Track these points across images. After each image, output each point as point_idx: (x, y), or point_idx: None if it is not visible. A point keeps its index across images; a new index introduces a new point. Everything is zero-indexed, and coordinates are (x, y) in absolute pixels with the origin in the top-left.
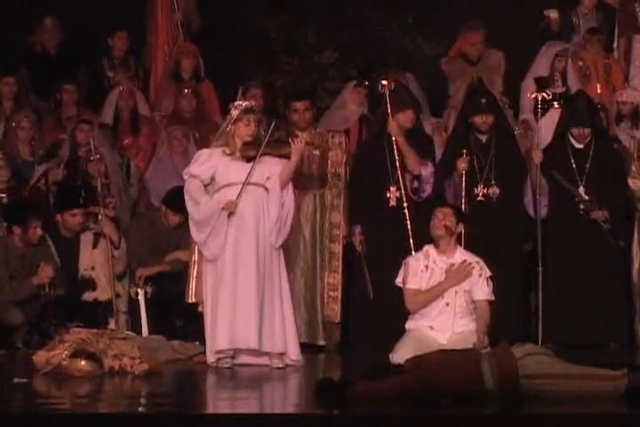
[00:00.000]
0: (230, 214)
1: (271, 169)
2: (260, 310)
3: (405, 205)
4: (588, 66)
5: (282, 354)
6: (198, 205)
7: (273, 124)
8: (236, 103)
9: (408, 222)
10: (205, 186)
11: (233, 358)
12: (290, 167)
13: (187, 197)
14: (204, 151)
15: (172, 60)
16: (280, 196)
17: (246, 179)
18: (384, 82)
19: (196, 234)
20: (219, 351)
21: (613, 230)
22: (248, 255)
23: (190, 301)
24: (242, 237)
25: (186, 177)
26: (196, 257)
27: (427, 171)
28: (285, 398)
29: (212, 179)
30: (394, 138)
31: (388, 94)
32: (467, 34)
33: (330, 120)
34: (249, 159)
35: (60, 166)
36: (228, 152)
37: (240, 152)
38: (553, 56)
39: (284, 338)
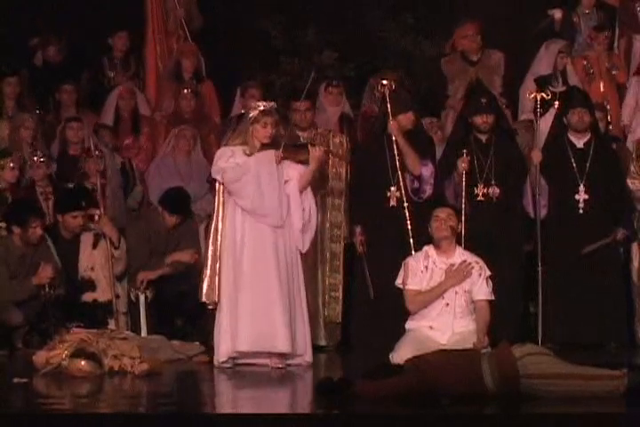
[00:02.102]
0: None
1: (289, 173)
2: (288, 312)
3: (405, 205)
4: (592, 64)
5: (299, 355)
6: (249, 175)
7: (312, 74)
8: (254, 104)
9: (408, 223)
10: None
11: (235, 358)
12: (307, 174)
13: (233, 186)
14: (227, 148)
15: (172, 61)
16: (299, 200)
17: None
18: (384, 82)
19: (260, 208)
20: (239, 352)
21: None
22: (266, 259)
23: (206, 300)
24: (259, 241)
25: (219, 176)
26: (217, 255)
27: (427, 171)
28: (286, 398)
29: None
30: (394, 138)
31: (388, 94)
32: (458, 29)
33: None
34: None
35: (34, 164)
36: (247, 152)
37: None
38: (555, 54)
39: (305, 340)
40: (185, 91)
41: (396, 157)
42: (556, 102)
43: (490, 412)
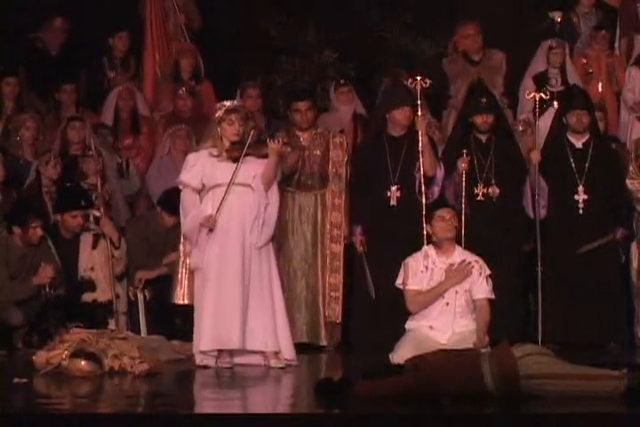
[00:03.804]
0: (210, 230)
1: (257, 169)
2: (245, 309)
3: (424, 205)
4: (591, 64)
5: (276, 353)
6: (185, 219)
7: (252, 132)
8: (219, 104)
9: (424, 225)
10: (200, 191)
11: (232, 358)
12: (269, 167)
13: (181, 208)
14: (191, 156)
15: (171, 61)
16: (264, 195)
17: (231, 180)
18: (418, 77)
19: (187, 244)
20: (202, 352)
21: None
22: (233, 256)
23: (179, 302)
24: (227, 237)
25: (180, 187)
26: (187, 259)
27: (440, 173)
28: (285, 398)
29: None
30: (419, 136)
31: (420, 90)
32: (459, 29)
33: (325, 122)
34: (235, 160)
35: (48, 163)
36: (215, 153)
37: (227, 153)
38: (547, 50)
39: (276, 337)
40: (180, 91)
41: (420, 156)
42: (555, 102)
43: (490, 412)
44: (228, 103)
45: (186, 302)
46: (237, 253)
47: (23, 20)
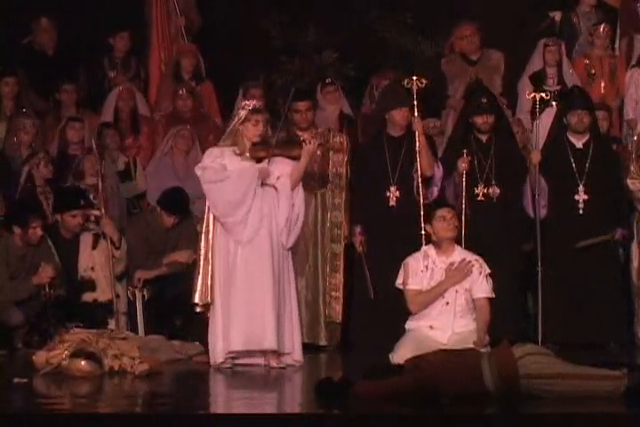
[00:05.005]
0: (263, 184)
1: (282, 169)
2: (277, 310)
3: (422, 206)
4: (593, 64)
5: (287, 354)
6: (228, 182)
7: (293, 91)
8: (244, 103)
9: (423, 225)
10: None
11: (234, 358)
12: (300, 168)
13: (208, 186)
14: (216, 148)
15: (172, 61)
16: (290, 196)
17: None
18: (414, 77)
19: (231, 216)
20: (232, 352)
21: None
22: (262, 256)
23: (198, 302)
24: (256, 241)
25: (199, 172)
26: (209, 256)
27: (439, 173)
28: (286, 398)
29: None
30: (417, 136)
31: (415, 90)
32: (455, 30)
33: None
34: (259, 160)
35: (39, 163)
36: (237, 152)
37: (249, 153)
38: (542, 48)
39: (292, 338)
40: (180, 91)
41: (417, 156)
42: (554, 102)
43: (490, 412)
44: (252, 103)
45: (206, 301)
46: (267, 253)
47: (23, 20)
